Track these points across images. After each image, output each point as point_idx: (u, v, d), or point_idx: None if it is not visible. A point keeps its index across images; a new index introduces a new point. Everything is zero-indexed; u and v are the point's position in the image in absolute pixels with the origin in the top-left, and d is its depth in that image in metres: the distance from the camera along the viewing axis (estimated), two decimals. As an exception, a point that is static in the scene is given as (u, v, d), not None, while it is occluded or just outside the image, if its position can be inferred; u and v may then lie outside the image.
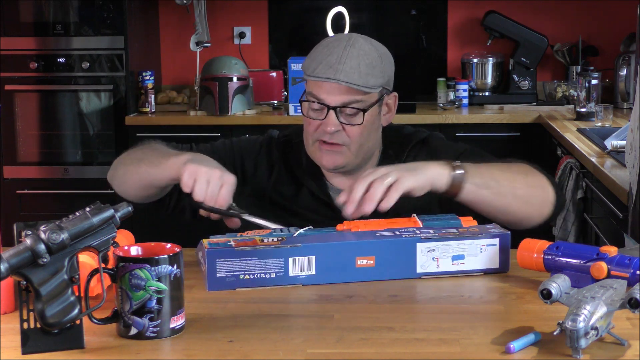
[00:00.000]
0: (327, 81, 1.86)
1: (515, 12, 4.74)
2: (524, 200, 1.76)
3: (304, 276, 1.56)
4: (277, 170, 2.01)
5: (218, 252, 1.53)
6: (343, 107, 1.88)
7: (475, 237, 1.59)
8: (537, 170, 1.82)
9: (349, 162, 1.92)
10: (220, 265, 1.53)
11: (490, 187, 1.73)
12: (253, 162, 2.02)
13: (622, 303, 1.23)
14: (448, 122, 4.29)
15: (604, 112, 3.88)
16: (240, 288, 1.54)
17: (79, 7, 4.41)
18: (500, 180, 1.74)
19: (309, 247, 1.56)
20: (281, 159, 2.02)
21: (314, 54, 1.92)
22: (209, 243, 1.57)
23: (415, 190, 1.67)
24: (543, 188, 1.79)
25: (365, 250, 1.58)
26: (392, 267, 1.58)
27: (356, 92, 1.87)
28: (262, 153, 2.03)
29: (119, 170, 1.98)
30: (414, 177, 1.66)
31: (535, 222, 1.78)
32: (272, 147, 2.04)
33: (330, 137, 1.89)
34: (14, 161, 4.49)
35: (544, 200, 1.79)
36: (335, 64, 1.85)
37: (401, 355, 1.24)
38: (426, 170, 1.69)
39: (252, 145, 2.05)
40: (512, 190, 1.75)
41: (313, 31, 4.72)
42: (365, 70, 1.86)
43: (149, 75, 4.49)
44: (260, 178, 2.01)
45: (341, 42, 1.89)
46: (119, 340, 1.30)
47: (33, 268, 1.22)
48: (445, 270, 1.59)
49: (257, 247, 1.54)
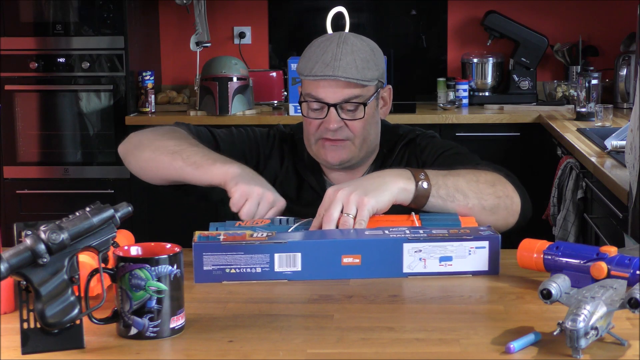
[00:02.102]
0: (326, 79, 1.88)
1: (515, 12, 4.74)
2: (491, 211, 1.76)
3: (289, 272, 1.57)
4: (286, 162, 2.05)
5: (205, 246, 1.56)
6: (343, 104, 1.90)
7: (464, 239, 1.59)
8: (504, 179, 1.81)
9: (354, 156, 1.95)
10: (207, 259, 1.56)
11: (456, 200, 1.73)
12: (267, 155, 2.06)
13: (622, 303, 1.23)
14: (448, 122, 4.29)
15: (604, 112, 3.88)
16: (226, 281, 1.56)
17: (79, 7, 4.42)
18: (467, 192, 1.74)
19: (295, 244, 1.57)
20: (289, 152, 2.06)
21: (307, 55, 1.93)
22: (199, 236, 1.60)
23: (378, 211, 1.68)
24: (510, 198, 1.79)
25: (351, 248, 1.58)
26: (378, 266, 1.58)
27: (354, 87, 1.89)
28: (275, 147, 2.07)
29: (144, 152, 1.95)
30: (375, 198, 1.66)
31: (500, 231, 1.76)
32: (282, 140, 2.08)
33: (333, 134, 1.91)
34: (14, 161, 4.49)
35: (510, 210, 1.78)
36: (331, 62, 1.88)
37: (401, 355, 1.24)
38: (390, 186, 1.69)
39: (267, 138, 2.08)
40: (479, 202, 1.74)
41: (313, 31, 4.71)
42: (362, 65, 1.89)
43: (149, 75, 4.50)
44: (273, 169, 2.04)
45: (333, 40, 1.92)
46: (119, 340, 1.30)
47: (33, 268, 1.22)
48: (433, 271, 1.59)
49: (243, 243, 1.57)
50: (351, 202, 1.65)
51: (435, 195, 1.71)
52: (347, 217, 1.65)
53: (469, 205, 1.73)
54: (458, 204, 1.73)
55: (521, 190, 1.82)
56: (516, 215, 1.80)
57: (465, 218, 1.71)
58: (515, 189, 1.81)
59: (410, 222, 1.68)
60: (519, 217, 1.80)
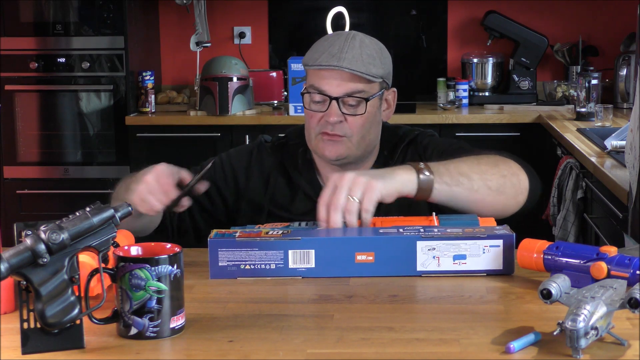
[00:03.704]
0: (330, 68, 1.89)
1: (515, 12, 4.74)
2: (498, 191, 1.75)
3: (303, 269, 1.58)
4: (273, 179, 2.01)
5: (220, 242, 1.58)
6: (345, 98, 1.90)
7: (478, 238, 1.59)
8: (508, 158, 1.81)
9: (351, 153, 1.95)
10: (222, 255, 1.58)
11: (461, 184, 1.72)
12: (245, 175, 2.02)
13: (622, 303, 1.23)
14: (448, 122, 4.29)
15: (604, 112, 3.88)
16: (241, 277, 1.58)
17: (79, 7, 4.42)
18: (471, 175, 1.73)
19: (309, 241, 1.58)
20: (275, 165, 2.02)
21: (315, 47, 1.95)
22: (215, 233, 1.63)
23: (384, 197, 1.66)
24: (516, 175, 1.78)
25: (365, 245, 1.58)
26: (391, 264, 1.58)
27: (358, 81, 1.90)
28: (254, 163, 2.03)
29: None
30: (382, 182, 1.65)
31: (512, 210, 1.76)
32: (264, 154, 2.03)
33: (332, 128, 1.91)
34: (14, 161, 4.49)
35: (518, 188, 1.78)
36: (337, 53, 1.89)
37: (401, 355, 1.24)
38: (394, 177, 1.68)
39: (242, 157, 2.04)
40: (484, 183, 1.73)
41: (313, 31, 4.72)
42: (367, 60, 1.90)
43: (149, 75, 4.50)
44: (255, 190, 2.01)
45: (342, 35, 1.94)
46: (119, 340, 1.30)
47: (33, 268, 1.22)
48: (446, 269, 1.59)
49: (257, 239, 1.58)
50: (359, 185, 1.63)
51: (439, 181, 1.69)
52: (353, 202, 1.62)
53: (475, 187, 1.72)
54: (463, 187, 1.71)
55: (527, 168, 1.82)
56: (525, 192, 1.79)
57: (484, 219, 1.71)
58: (521, 167, 1.80)
59: (429, 223, 1.68)
60: (528, 194, 1.79)
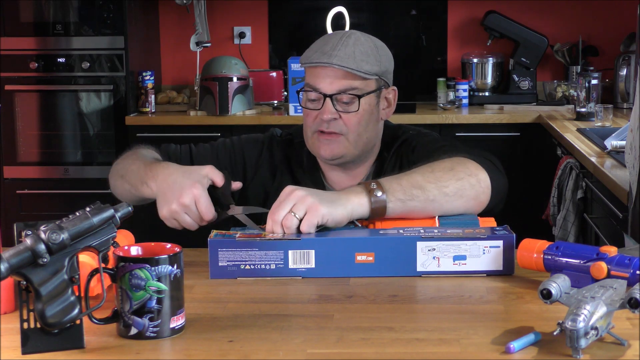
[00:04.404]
0: (322, 66, 1.90)
1: (515, 12, 4.74)
2: (456, 195, 1.72)
3: (303, 269, 1.58)
4: (280, 173, 2.03)
5: (220, 242, 1.59)
6: (339, 95, 1.91)
7: (478, 239, 1.59)
8: (466, 159, 1.77)
9: (347, 152, 1.94)
10: (222, 255, 1.58)
11: (415, 197, 1.69)
12: (255, 165, 2.04)
13: (622, 303, 1.23)
14: (448, 122, 4.29)
15: (604, 112, 3.88)
16: (241, 277, 1.58)
17: (79, 7, 4.42)
18: (425, 185, 1.70)
19: (308, 241, 1.58)
20: (283, 159, 2.03)
21: (312, 45, 1.97)
22: (216, 233, 1.63)
23: (330, 222, 1.63)
24: (474, 176, 1.75)
25: (365, 246, 1.59)
26: (391, 265, 1.58)
27: (352, 78, 1.90)
28: (265, 155, 2.05)
29: (111, 180, 2.02)
30: (328, 208, 1.62)
31: (476, 211, 1.74)
32: (275, 147, 2.06)
33: (327, 126, 1.92)
34: (14, 161, 4.49)
35: (478, 188, 1.74)
36: (330, 51, 1.90)
37: (401, 355, 1.24)
38: (344, 203, 1.65)
39: (254, 145, 2.06)
40: (439, 191, 1.70)
41: (313, 31, 4.71)
42: (360, 57, 1.90)
43: (149, 75, 4.50)
44: (262, 181, 2.02)
45: (338, 34, 1.95)
46: (119, 340, 1.30)
47: (33, 268, 1.22)
48: (446, 270, 1.59)
49: (257, 239, 1.58)
50: (304, 203, 1.62)
51: (392, 200, 1.67)
52: (292, 218, 1.61)
53: (430, 198, 1.69)
54: (418, 200, 1.69)
55: (488, 166, 1.78)
56: (487, 191, 1.75)
57: (484, 219, 1.71)
58: (481, 166, 1.76)
59: (431, 223, 1.68)
60: (492, 193, 1.76)
